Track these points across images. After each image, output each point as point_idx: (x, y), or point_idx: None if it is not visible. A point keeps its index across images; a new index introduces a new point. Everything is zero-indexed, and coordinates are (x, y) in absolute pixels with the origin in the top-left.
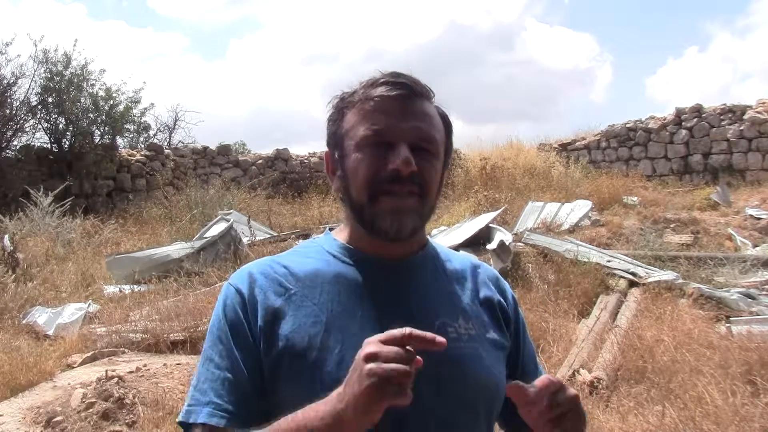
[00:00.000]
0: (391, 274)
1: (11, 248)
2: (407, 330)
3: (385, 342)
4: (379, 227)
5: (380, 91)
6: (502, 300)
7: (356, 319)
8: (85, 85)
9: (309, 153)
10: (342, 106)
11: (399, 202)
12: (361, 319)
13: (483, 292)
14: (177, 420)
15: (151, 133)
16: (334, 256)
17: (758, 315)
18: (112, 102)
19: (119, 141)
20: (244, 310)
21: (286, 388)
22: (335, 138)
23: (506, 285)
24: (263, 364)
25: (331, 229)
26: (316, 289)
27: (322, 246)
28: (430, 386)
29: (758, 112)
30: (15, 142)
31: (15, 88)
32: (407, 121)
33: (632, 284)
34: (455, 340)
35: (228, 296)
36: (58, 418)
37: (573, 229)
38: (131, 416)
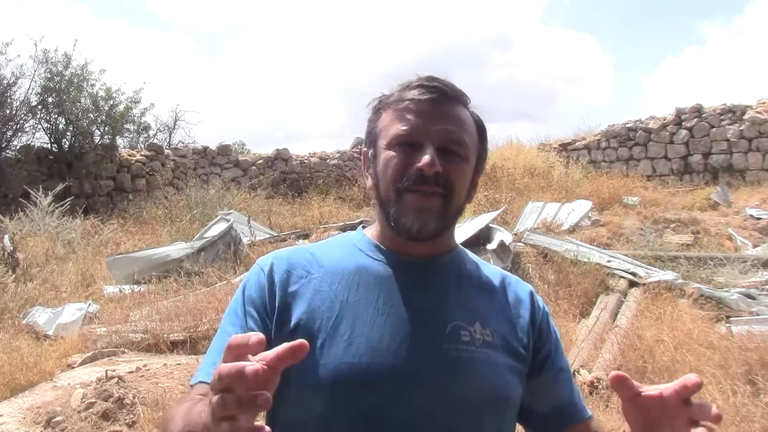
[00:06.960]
0: (413, 271)
1: (11, 248)
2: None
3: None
4: (402, 225)
5: (413, 93)
6: (532, 318)
7: (369, 310)
8: (85, 85)
9: (309, 153)
10: (379, 107)
11: (422, 202)
12: (374, 310)
13: (512, 307)
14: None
15: (151, 133)
16: (360, 250)
17: (758, 315)
18: (112, 102)
19: (119, 141)
20: (264, 284)
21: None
22: (371, 137)
23: (539, 301)
24: (272, 341)
25: (364, 226)
26: (336, 277)
27: (351, 240)
28: (431, 389)
29: (758, 112)
30: (15, 142)
31: (15, 88)
32: (437, 124)
33: (632, 284)
34: (467, 343)
35: (252, 273)
36: (58, 418)
37: (573, 229)
38: (131, 416)
